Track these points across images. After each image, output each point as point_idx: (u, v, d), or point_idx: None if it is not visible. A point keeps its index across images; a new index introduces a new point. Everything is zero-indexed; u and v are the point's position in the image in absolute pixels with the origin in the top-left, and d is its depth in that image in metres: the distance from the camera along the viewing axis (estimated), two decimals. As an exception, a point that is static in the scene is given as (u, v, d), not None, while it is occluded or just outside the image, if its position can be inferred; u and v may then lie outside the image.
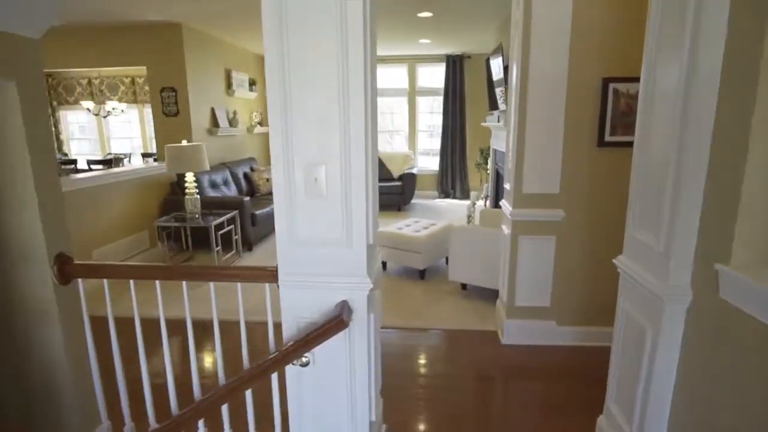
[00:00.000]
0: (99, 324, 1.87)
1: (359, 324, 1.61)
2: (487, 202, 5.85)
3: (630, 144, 2.66)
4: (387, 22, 5.36)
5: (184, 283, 1.77)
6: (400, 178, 7.25)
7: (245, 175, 6.23)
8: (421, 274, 4.04)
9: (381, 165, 7.63)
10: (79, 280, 1.82)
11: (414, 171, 7.33)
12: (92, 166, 7.40)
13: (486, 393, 2.50)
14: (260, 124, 7.72)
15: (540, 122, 2.57)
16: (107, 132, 9.60)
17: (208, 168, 4.32)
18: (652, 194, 1.58)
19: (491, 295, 3.50)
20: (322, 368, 1.62)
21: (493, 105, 5.83)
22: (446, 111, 7.95)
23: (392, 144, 9.09)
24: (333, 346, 1.61)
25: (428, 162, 8.60)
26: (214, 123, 6.15)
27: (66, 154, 9.24)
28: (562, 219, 2.68)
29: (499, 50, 4.93)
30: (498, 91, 5.22)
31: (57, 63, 5.79)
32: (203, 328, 2.68)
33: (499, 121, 4.78)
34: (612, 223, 2.70)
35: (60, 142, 9.81)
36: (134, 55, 5.46)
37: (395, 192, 7.07)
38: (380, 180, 7.43)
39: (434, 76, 8.25)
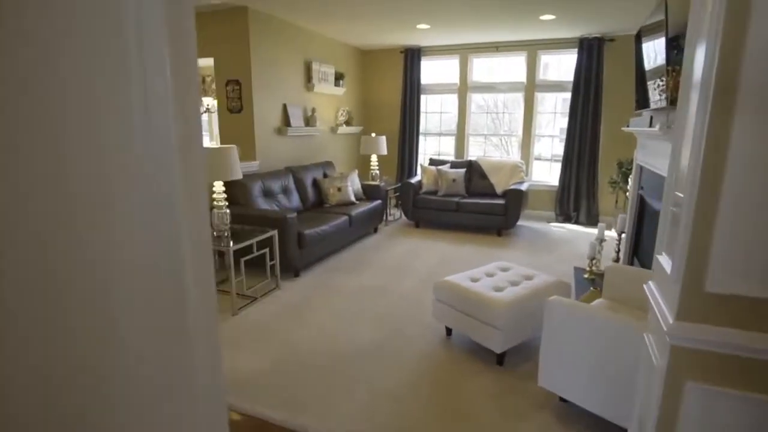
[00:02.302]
0: None
1: None
2: (622, 241, 4.11)
3: None
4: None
5: None
6: (504, 194, 5.75)
7: (314, 182, 5.37)
8: (499, 359, 2.65)
9: (482, 177, 6.21)
10: None
11: (523, 187, 5.76)
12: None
13: None
14: (347, 123, 6.85)
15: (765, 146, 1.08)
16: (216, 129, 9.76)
17: (239, 176, 3.47)
18: None
19: (611, 431, 2.01)
20: None
21: (642, 103, 4.07)
22: (574, 110, 6.19)
23: (509, 150, 7.54)
24: None
25: (546, 174, 6.90)
26: (286, 121, 5.40)
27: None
28: (805, 360, 1.14)
29: (660, 25, 3.23)
30: (653, 84, 3.50)
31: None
32: None
33: (652, 125, 3.12)
34: None
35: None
36: (201, 46, 4.94)
37: (496, 212, 5.60)
38: (479, 196, 6.04)
39: (561, 65, 6.53)
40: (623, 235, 4.13)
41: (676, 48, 2.96)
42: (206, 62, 5.09)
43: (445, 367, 2.66)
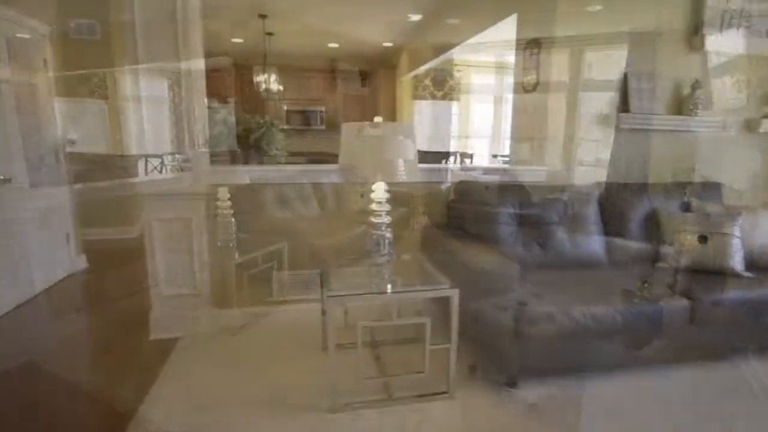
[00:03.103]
0: None
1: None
2: (680, 262, 3.54)
3: None
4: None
5: None
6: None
7: (335, 188, 5.05)
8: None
9: (518, 185, 5.69)
10: None
11: (564, 196, 5.23)
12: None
13: None
14: (374, 125, 6.51)
15: None
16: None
17: (244, 181, 3.19)
18: None
19: None
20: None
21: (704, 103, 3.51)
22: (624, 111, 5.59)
23: (549, 155, 6.96)
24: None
25: (590, 180, 6.29)
26: (305, 122, 5.12)
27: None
28: None
29: (741, 14, 2.70)
30: (722, 82, 2.96)
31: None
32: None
33: (725, 129, 2.60)
34: None
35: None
36: (214, 44, 4.73)
37: (531, 223, 5.10)
38: (509, 206, 5.52)
39: (609, 62, 5.92)
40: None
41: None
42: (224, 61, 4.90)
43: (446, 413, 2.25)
